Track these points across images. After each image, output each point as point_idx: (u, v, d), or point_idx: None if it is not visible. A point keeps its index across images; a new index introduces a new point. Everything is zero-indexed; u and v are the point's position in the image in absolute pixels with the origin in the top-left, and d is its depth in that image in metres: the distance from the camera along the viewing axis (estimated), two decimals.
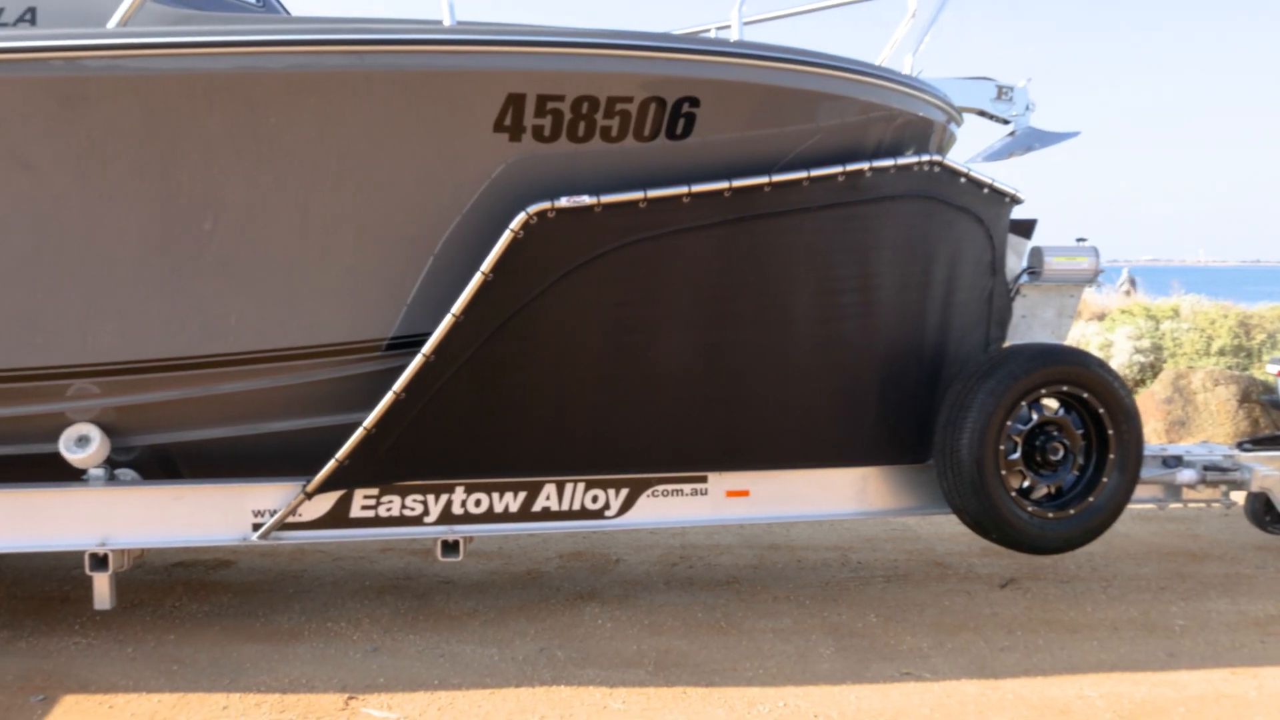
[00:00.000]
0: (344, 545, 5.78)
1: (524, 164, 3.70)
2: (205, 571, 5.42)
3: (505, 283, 3.71)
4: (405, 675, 4.05)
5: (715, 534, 6.01)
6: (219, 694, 3.89)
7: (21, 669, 4.11)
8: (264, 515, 4.13)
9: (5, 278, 3.79)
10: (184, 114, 3.63)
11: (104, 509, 4.08)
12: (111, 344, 3.93)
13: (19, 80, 3.53)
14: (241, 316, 3.96)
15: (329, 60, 3.57)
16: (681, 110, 3.67)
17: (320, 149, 3.73)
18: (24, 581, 5.28)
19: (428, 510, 4.23)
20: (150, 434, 4.22)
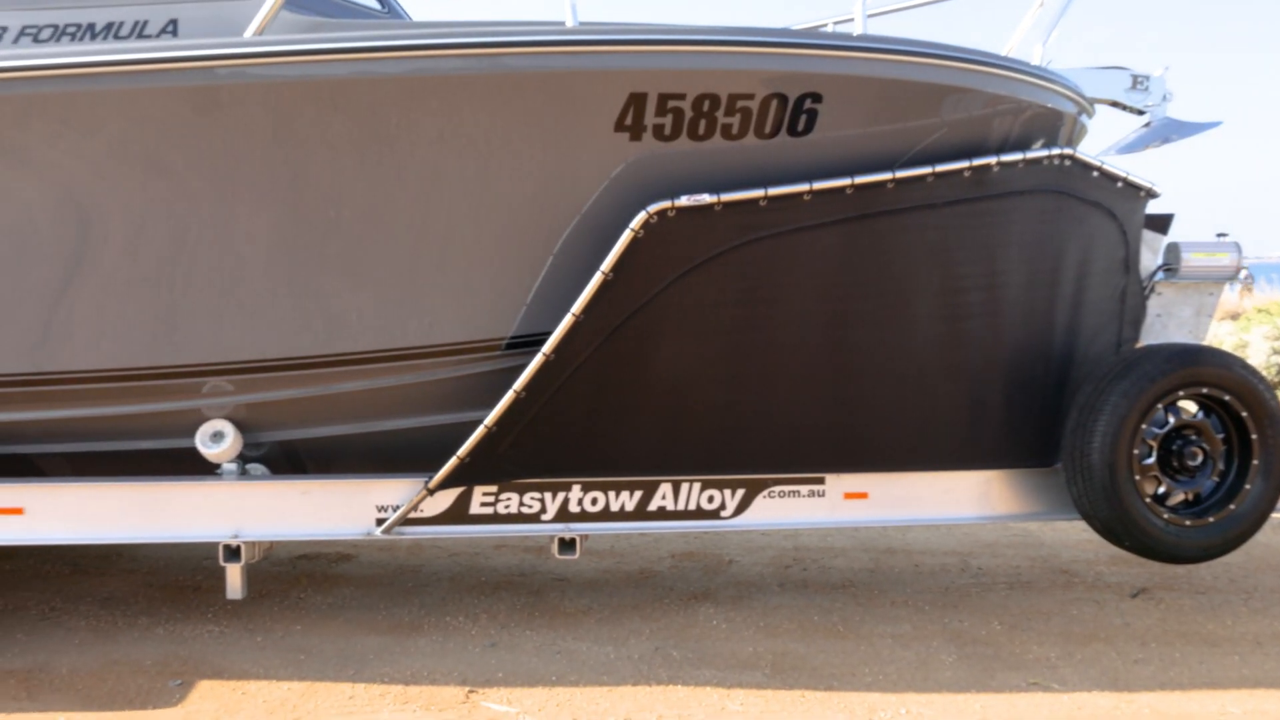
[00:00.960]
0: (459, 541, 5.88)
1: (644, 163, 3.70)
2: (328, 564, 5.58)
3: (625, 282, 3.72)
4: (523, 670, 4.10)
5: (829, 536, 5.93)
6: (345, 684, 3.99)
7: (160, 654, 4.29)
8: (387, 511, 4.21)
9: (145, 279, 3.95)
10: (310, 118, 3.72)
11: (236, 502, 4.22)
12: (242, 343, 4.06)
13: (160, 90, 3.67)
14: (364, 317, 4.05)
15: (452, 64, 3.63)
16: (804, 106, 3.62)
17: (440, 151, 3.79)
18: (159, 571, 5.51)
19: (545, 508, 4.27)
20: (279, 430, 4.35)
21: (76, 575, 5.44)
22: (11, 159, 3.77)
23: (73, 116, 3.69)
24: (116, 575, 5.43)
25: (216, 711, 3.75)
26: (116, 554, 5.81)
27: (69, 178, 3.81)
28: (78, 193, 3.82)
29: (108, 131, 3.71)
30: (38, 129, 3.72)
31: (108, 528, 4.19)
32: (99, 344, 4.05)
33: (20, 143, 3.75)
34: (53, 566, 5.59)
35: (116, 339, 4.03)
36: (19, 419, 4.27)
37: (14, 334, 4.01)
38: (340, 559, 5.67)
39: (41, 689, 3.96)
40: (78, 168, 3.79)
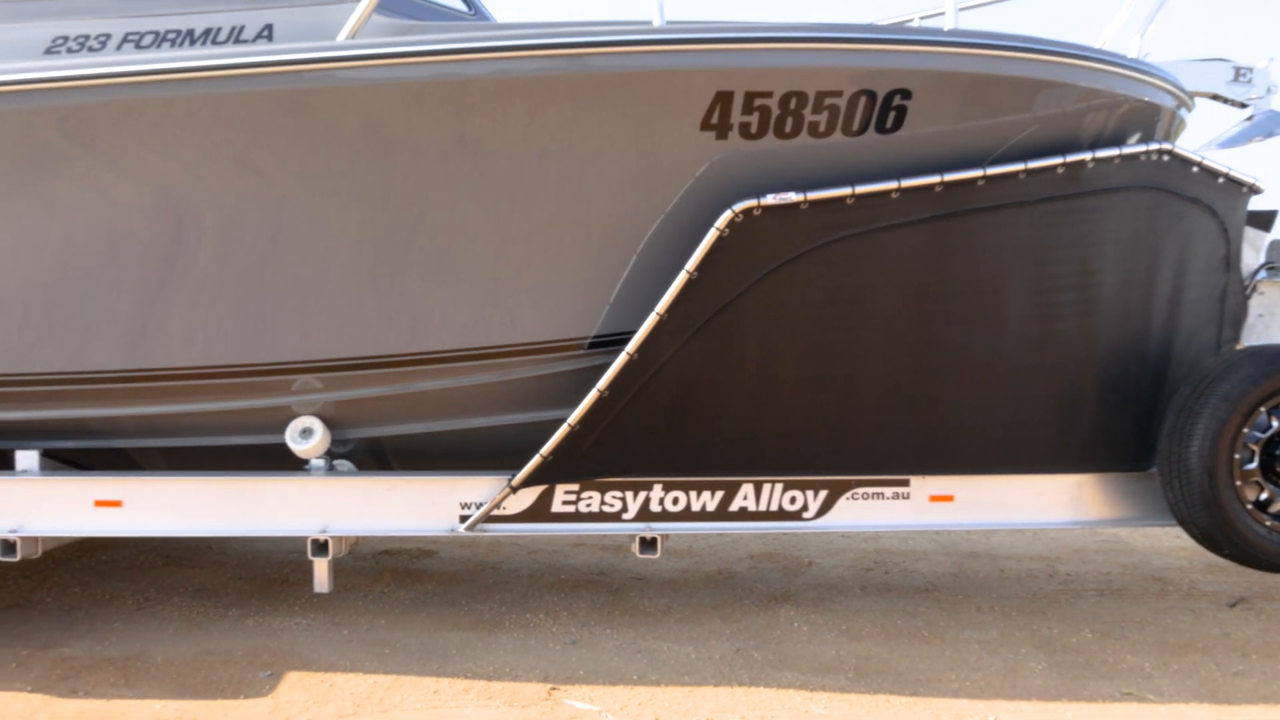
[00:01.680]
0: (538, 539, 5.92)
1: (729, 162, 3.68)
2: (410, 560, 5.66)
3: (710, 281, 3.70)
4: (604, 669, 4.10)
5: (910, 539, 5.85)
6: (429, 678, 4.04)
7: (250, 646, 4.39)
8: (471, 508, 4.25)
9: (238, 279, 4.03)
10: (398, 120, 3.77)
11: (325, 498, 4.29)
12: (331, 341, 4.12)
13: (253, 94, 3.74)
14: (448, 316, 4.09)
15: (537, 64, 3.65)
16: (892, 103, 3.57)
17: (525, 151, 3.81)
18: (247, 564, 5.64)
19: (626, 507, 4.27)
20: (365, 427, 4.41)
21: (169, 567, 5.59)
22: (112, 163, 3.88)
23: (169, 121, 3.79)
24: (207, 567, 5.57)
25: (305, 702, 3.82)
26: (206, 547, 5.96)
27: (166, 181, 3.90)
28: (174, 196, 3.92)
29: (203, 135, 3.80)
30: (136, 133, 3.82)
31: (201, 521, 4.30)
32: (193, 342, 4.14)
33: (120, 147, 3.86)
34: (146, 558, 5.76)
35: (210, 337, 4.13)
36: (118, 414, 4.40)
37: (113, 332, 4.13)
38: (422, 555, 5.75)
39: (139, 677, 4.07)
40: (175, 171, 3.88)
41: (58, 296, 4.09)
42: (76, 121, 3.79)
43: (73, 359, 4.18)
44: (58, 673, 4.11)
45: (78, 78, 3.74)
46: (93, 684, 4.00)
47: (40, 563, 5.49)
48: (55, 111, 3.79)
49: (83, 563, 5.66)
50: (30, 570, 5.47)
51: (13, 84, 3.76)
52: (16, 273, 4.06)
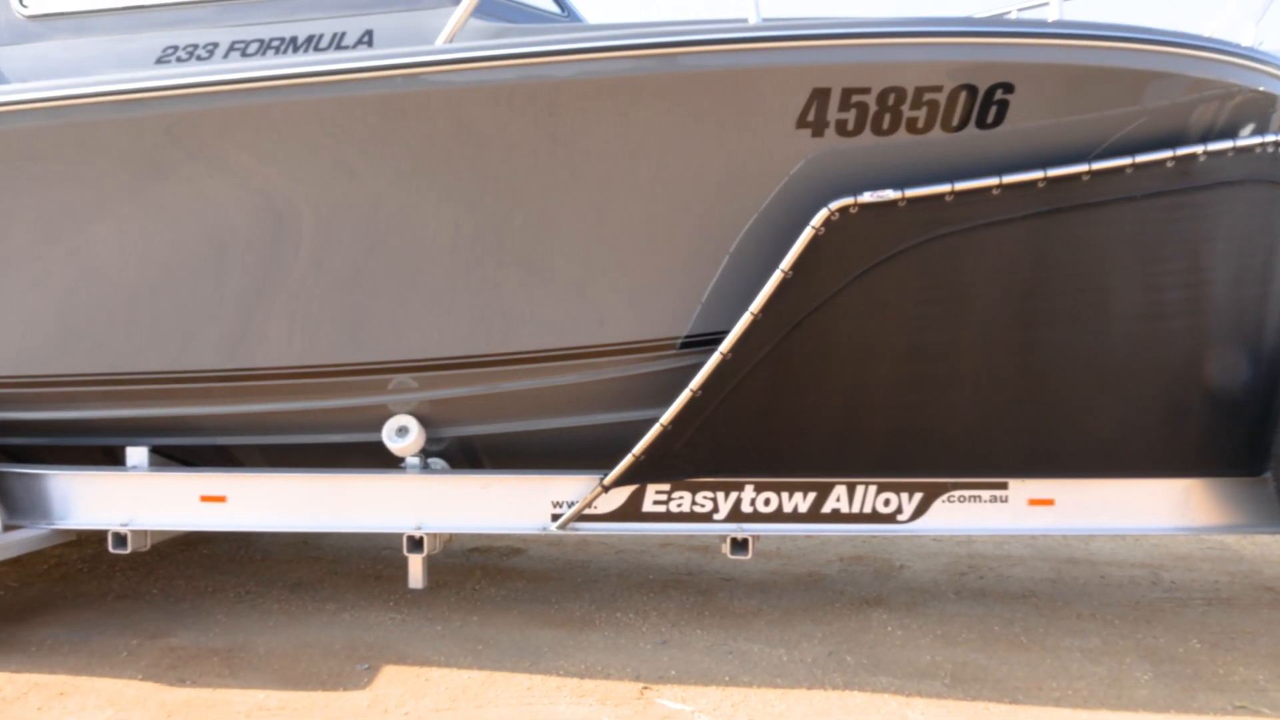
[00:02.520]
0: (625, 538, 5.94)
1: (824, 159, 3.64)
2: (499, 558, 5.72)
3: (804, 280, 3.66)
4: (696, 669, 4.09)
5: (1005, 543, 5.72)
6: (522, 675, 4.08)
7: (347, 639, 4.48)
8: (562, 506, 4.27)
9: (335, 281, 4.11)
10: (492, 122, 3.80)
11: (420, 495, 4.35)
12: (425, 341, 4.18)
13: (352, 99, 3.81)
14: (540, 316, 4.12)
15: (630, 64, 3.65)
16: (994, 98, 3.49)
17: (617, 152, 3.82)
18: (342, 559, 5.76)
19: (717, 507, 4.25)
20: (458, 426, 4.47)
21: (268, 561, 5.74)
22: (216, 169, 3.99)
23: (270, 127, 3.88)
24: (303, 562, 5.70)
25: (402, 696, 3.89)
26: (303, 542, 6.10)
27: (266, 186, 4.00)
28: (274, 200, 4.01)
29: (303, 140, 3.88)
30: (238, 139, 3.92)
31: (301, 516, 4.39)
32: (292, 342, 4.24)
33: (223, 153, 3.96)
34: (246, 552, 5.92)
35: (308, 337, 4.22)
36: (220, 412, 4.52)
37: (216, 332, 4.25)
38: (511, 553, 5.80)
39: (242, 667, 4.19)
40: (274, 176, 3.97)
41: (164, 298, 4.22)
42: (182, 129, 3.91)
43: (178, 359, 4.32)
44: (166, 662, 4.25)
45: (179, 86, 3.86)
46: (199, 673, 4.13)
47: (146, 556, 5.67)
48: (162, 120, 3.91)
49: (185, 556, 5.84)
50: (137, 563, 5.66)
51: (121, 94, 3.89)
52: (126, 276, 4.20)
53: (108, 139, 3.98)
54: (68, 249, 4.20)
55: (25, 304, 4.31)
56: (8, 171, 4.08)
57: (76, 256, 4.20)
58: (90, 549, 5.88)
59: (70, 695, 3.94)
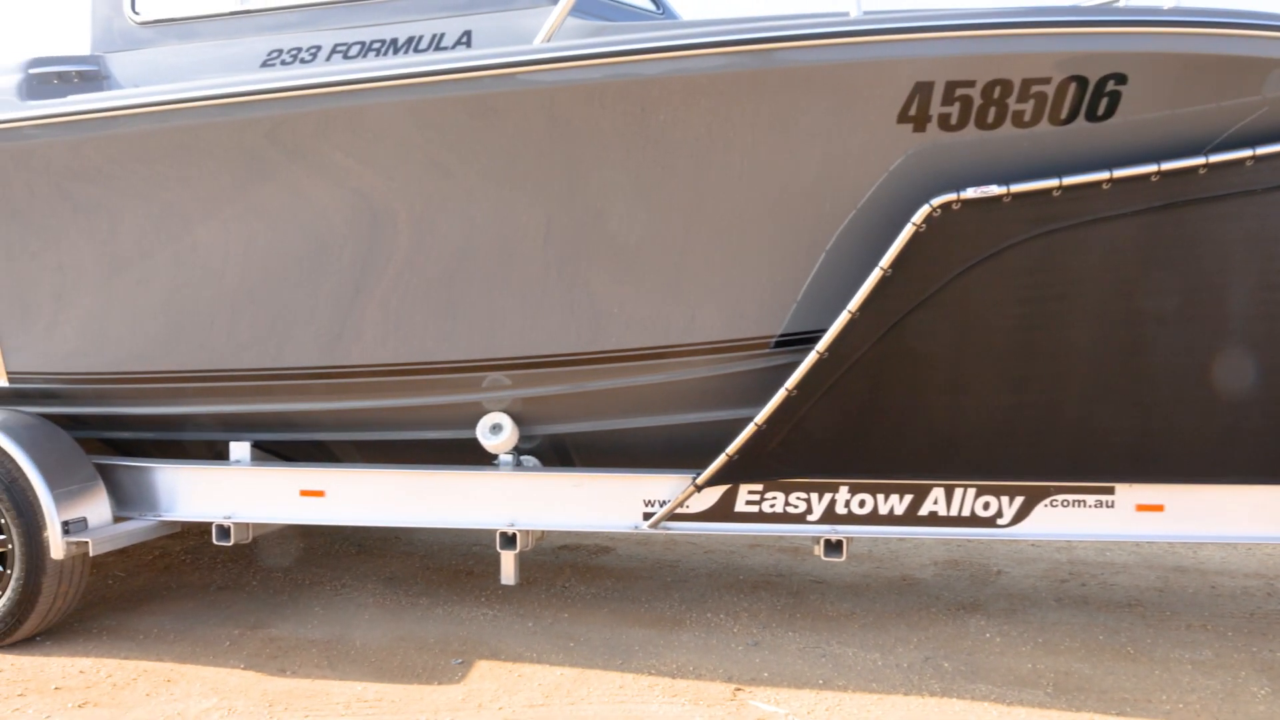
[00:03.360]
0: (713, 538, 5.91)
1: (925, 155, 3.56)
2: (588, 556, 5.73)
3: (904, 278, 3.59)
4: (788, 672, 4.05)
5: (1108, 550, 5.54)
6: (613, 673, 4.08)
7: (441, 634, 4.53)
8: (654, 505, 4.26)
9: (430, 279, 4.15)
10: (588, 120, 3.80)
11: (513, 492, 4.37)
12: (518, 339, 4.20)
13: (447, 99, 3.85)
14: (633, 314, 4.10)
15: (732, 60, 3.61)
16: (1105, 89, 3.37)
17: (712, 149, 3.79)
18: (433, 555, 5.83)
19: (811, 508, 4.19)
20: (550, 424, 4.48)
21: (361, 555, 5.84)
22: (314, 170, 4.06)
23: (365, 128, 3.93)
24: (396, 557, 5.79)
25: (497, 691, 3.92)
26: (395, 537, 6.20)
27: (363, 186, 4.05)
28: (371, 200, 4.07)
29: (398, 141, 3.93)
30: (336, 141, 3.99)
31: (397, 512, 4.46)
32: (387, 340, 4.30)
33: (321, 155, 4.03)
34: (340, 546, 6.04)
35: (403, 335, 4.27)
36: (317, 409, 4.61)
37: (313, 330, 4.33)
38: (600, 551, 5.81)
39: (340, 659, 4.26)
40: (371, 177, 4.03)
41: (264, 297, 4.31)
42: (281, 131, 3.99)
43: (277, 356, 4.41)
44: (267, 652, 4.35)
45: (276, 90, 3.94)
46: (298, 664, 4.22)
47: (245, 548, 5.82)
48: (262, 122, 4.00)
49: (283, 549, 5.97)
50: (237, 555, 5.81)
51: (222, 97, 3.99)
52: (229, 275, 4.30)
53: (210, 142, 4.09)
54: (173, 249, 4.32)
55: (133, 302, 4.44)
56: (119, 173, 4.22)
57: (181, 256, 4.32)
58: (192, 541, 6.05)
59: (176, 682, 4.05)
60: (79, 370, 4.62)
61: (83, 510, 4.38)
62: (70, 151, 4.21)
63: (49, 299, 4.50)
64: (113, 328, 4.52)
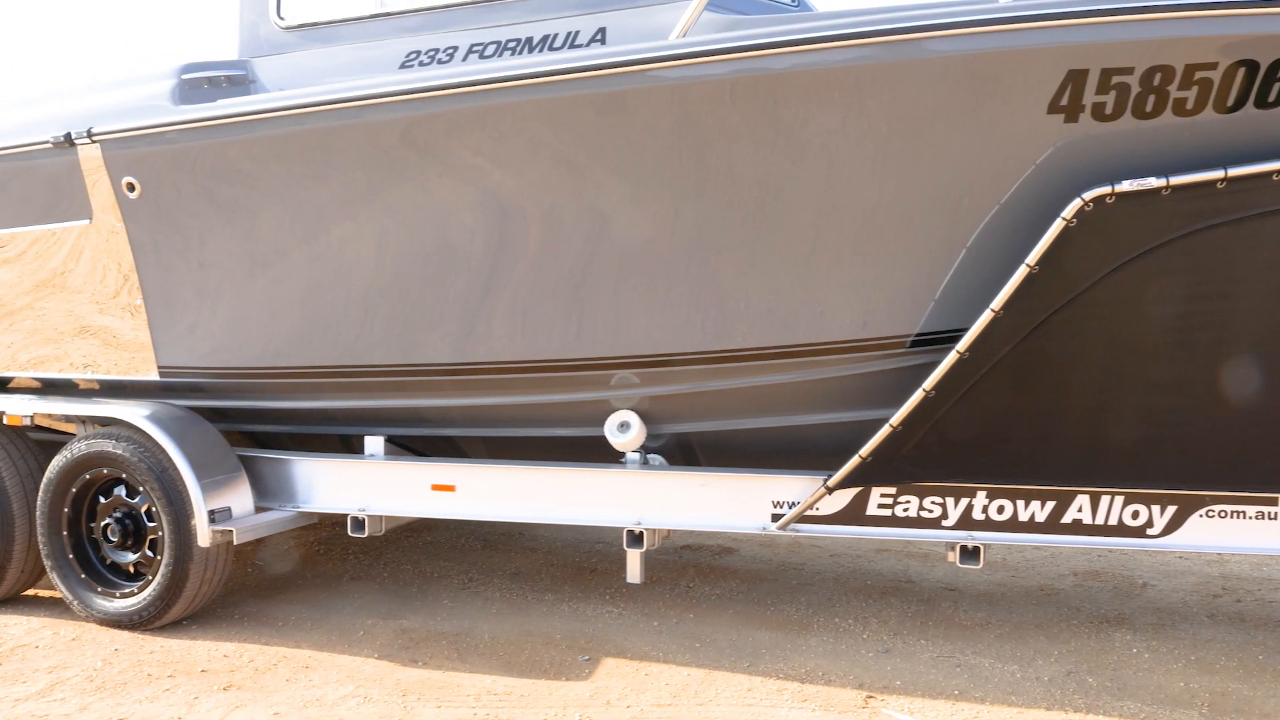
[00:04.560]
0: (838, 542, 5.80)
1: (1076, 146, 3.40)
2: (712, 556, 5.68)
3: (1052, 276, 3.44)
4: (922, 681, 3.93)
5: (1264, 565, 5.24)
6: (741, 675, 4.03)
7: (567, 630, 4.55)
8: (783, 506, 4.19)
9: (559, 277, 4.16)
10: (723, 116, 3.74)
11: (639, 490, 4.36)
12: (646, 337, 4.18)
13: (581, 97, 3.85)
14: (763, 313, 4.03)
15: (874, 52, 3.52)
16: (1277, 74, 3.16)
17: (847, 142, 3.69)
18: (557, 551, 5.87)
19: (946, 513, 4.06)
20: (677, 423, 4.45)
21: (486, 550, 5.92)
22: (447, 170, 4.11)
23: (496, 128, 3.96)
24: (520, 552, 5.85)
25: (624, 689, 3.91)
26: (519, 532, 6.27)
27: (493, 185, 4.09)
28: (501, 199, 4.10)
29: (528, 139, 3.95)
30: (468, 141, 4.03)
31: (526, 507, 4.49)
32: (517, 337, 4.33)
33: (453, 154, 4.08)
34: (466, 540, 6.13)
35: (532, 332, 4.30)
36: (448, 404, 4.68)
37: (444, 327, 4.39)
38: (723, 551, 5.76)
39: (469, 652, 4.32)
40: (500, 175, 4.06)
41: (396, 294, 4.39)
42: (416, 131, 4.06)
43: (409, 352, 4.49)
44: (399, 642, 4.43)
45: (410, 91, 4.00)
46: (429, 655, 4.29)
47: (374, 540, 5.95)
48: (398, 123, 4.07)
49: (410, 542, 6.10)
50: (368, 547, 5.96)
51: (356, 100, 4.08)
52: (363, 273, 4.40)
53: (347, 143, 4.18)
54: (311, 248, 4.43)
55: (271, 299, 4.58)
56: (261, 174, 4.35)
57: (318, 255, 4.43)
58: (324, 532, 6.23)
59: (314, 669, 4.16)
60: (222, 365, 4.79)
61: (227, 500, 4.54)
62: (217, 154, 4.36)
63: (194, 296, 4.67)
64: (253, 324, 4.66)
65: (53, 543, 4.74)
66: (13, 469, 4.89)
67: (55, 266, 4.89)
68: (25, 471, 4.91)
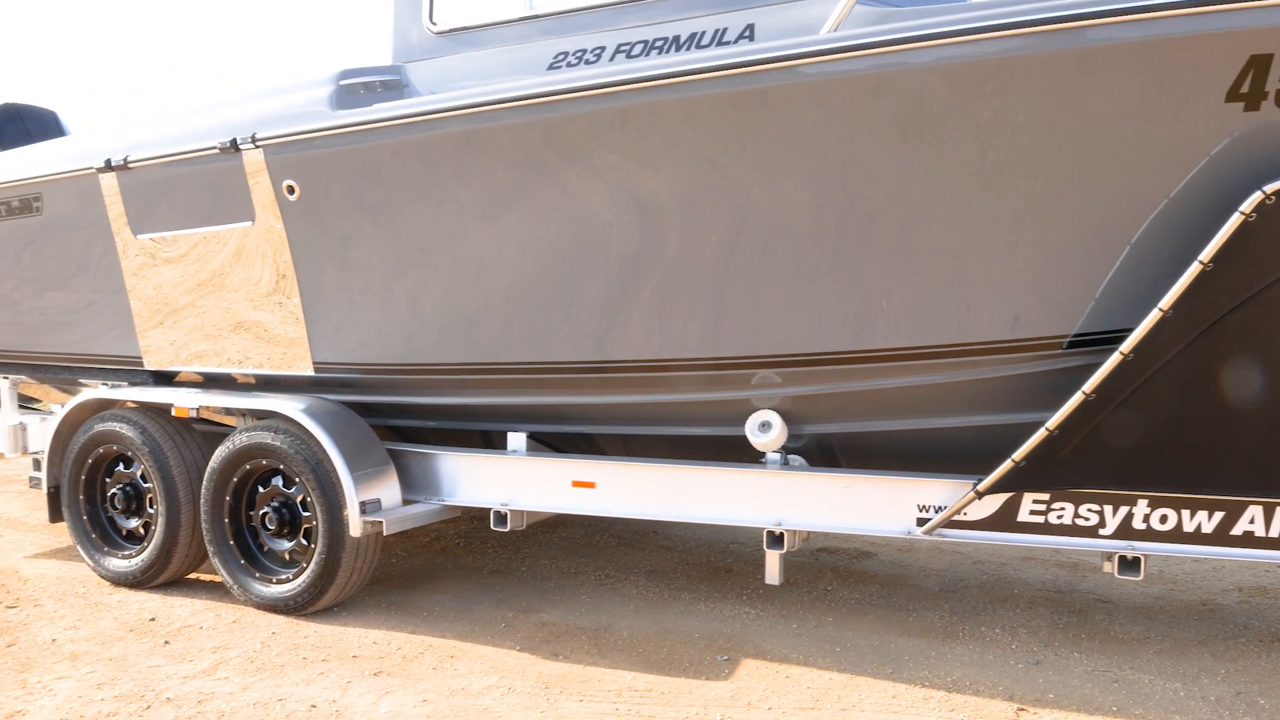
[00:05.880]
0: (981, 548, 5.63)
1: (1256, 136, 3.21)
2: (848, 560, 5.59)
3: (1228, 273, 3.25)
4: (1076, 695, 3.78)
5: None
6: (885, 682, 3.94)
7: (705, 629, 4.53)
8: (929, 511, 4.08)
9: (699, 276, 4.14)
10: (875, 112, 3.67)
11: (780, 491, 4.31)
12: (788, 336, 4.13)
13: (726, 95, 3.82)
14: (910, 312, 3.93)
15: (1033, 42, 3.39)
16: None
17: (1001, 136, 3.57)
18: (691, 550, 5.87)
19: (1104, 521, 3.89)
20: (819, 423, 4.39)
21: (622, 547, 5.96)
22: (588, 169, 4.14)
23: (638, 126, 3.97)
24: (655, 551, 5.87)
25: (765, 691, 3.87)
26: (653, 531, 6.29)
27: (634, 184, 4.09)
28: (640, 197, 4.10)
29: (668, 138, 3.94)
30: (611, 141, 4.04)
31: (665, 506, 4.48)
32: (657, 336, 4.32)
33: (594, 154, 4.11)
34: (601, 537, 6.18)
35: (672, 331, 4.29)
36: (588, 402, 4.72)
37: (584, 325, 4.42)
38: (860, 555, 5.66)
39: (609, 648, 4.35)
40: (641, 174, 4.06)
41: (537, 292, 4.44)
42: (559, 132, 4.10)
43: (549, 350, 4.53)
44: (539, 636, 4.50)
45: (552, 93, 4.04)
46: (570, 649, 4.33)
47: (512, 535, 6.07)
48: (538, 124, 4.12)
49: (547, 538, 6.18)
50: (506, 541, 6.07)
51: (503, 102, 4.14)
52: (504, 272, 4.46)
53: (491, 144, 4.25)
54: (456, 248, 4.53)
55: (416, 297, 4.70)
56: (408, 176, 4.47)
57: (462, 254, 4.52)
58: (464, 525, 6.38)
59: (459, 659, 4.26)
60: (370, 361, 4.93)
61: (377, 492, 4.69)
62: (371, 157, 4.50)
63: (347, 294, 4.83)
64: (397, 321, 4.79)
65: (215, 529, 4.98)
66: (179, 459, 5.15)
67: (216, 266, 5.13)
68: (190, 461, 5.17)
